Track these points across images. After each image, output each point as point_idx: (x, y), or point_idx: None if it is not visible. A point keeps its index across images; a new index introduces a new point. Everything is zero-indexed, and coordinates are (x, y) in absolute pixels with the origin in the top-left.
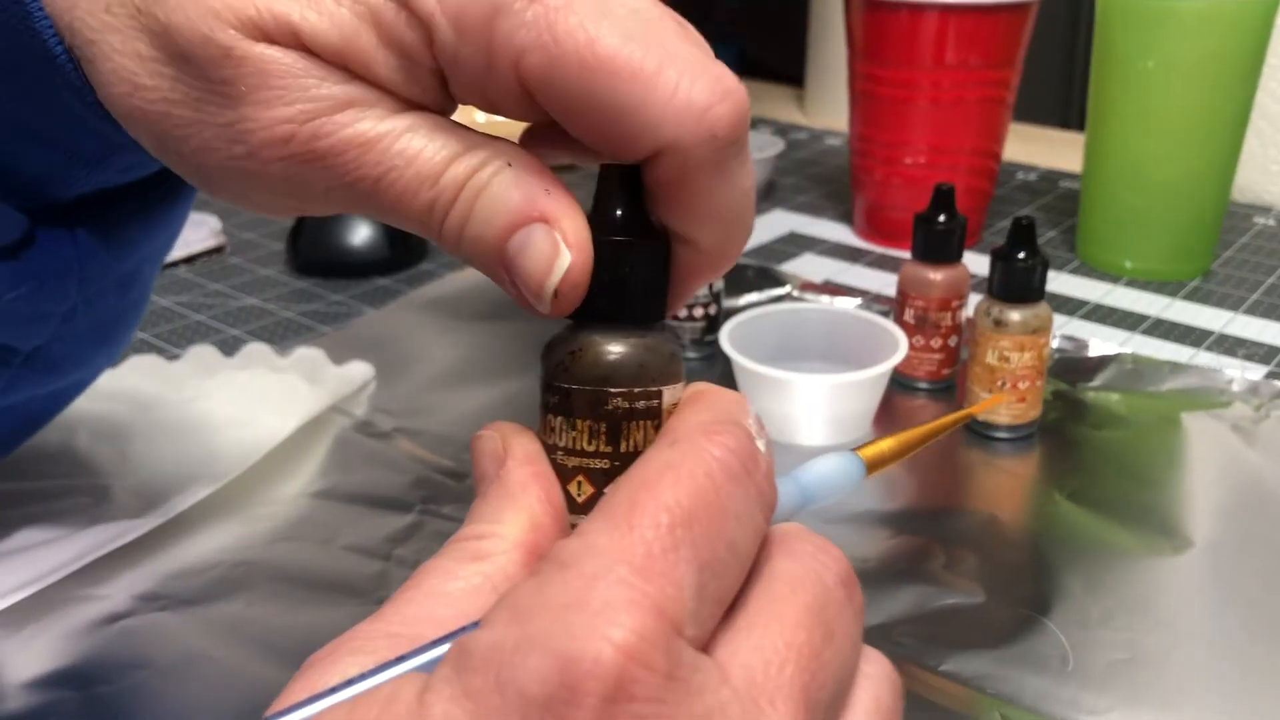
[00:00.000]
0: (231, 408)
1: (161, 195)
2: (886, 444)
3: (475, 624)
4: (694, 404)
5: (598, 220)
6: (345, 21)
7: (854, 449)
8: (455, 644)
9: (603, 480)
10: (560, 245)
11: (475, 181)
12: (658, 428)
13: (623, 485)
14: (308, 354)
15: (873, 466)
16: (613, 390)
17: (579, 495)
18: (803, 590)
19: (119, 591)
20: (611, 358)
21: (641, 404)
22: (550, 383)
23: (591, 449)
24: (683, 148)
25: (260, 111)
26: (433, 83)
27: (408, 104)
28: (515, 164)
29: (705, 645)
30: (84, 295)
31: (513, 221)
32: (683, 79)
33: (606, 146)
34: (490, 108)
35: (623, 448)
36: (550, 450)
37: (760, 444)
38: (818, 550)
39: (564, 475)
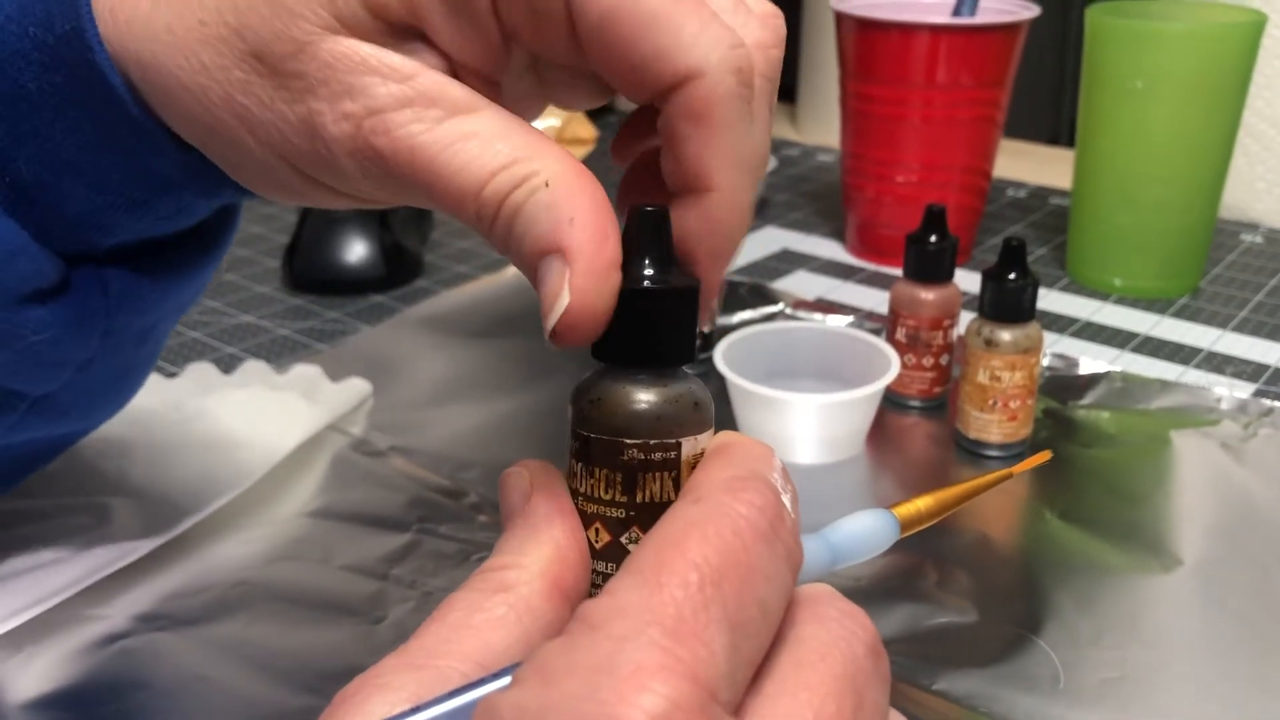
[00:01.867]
0: (231, 426)
1: (193, 252)
2: (923, 502)
3: (505, 672)
4: (719, 458)
5: (626, 266)
6: None
7: (889, 506)
8: (483, 703)
9: (619, 529)
10: (565, 285)
11: (513, 200)
12: (675, 479)
13: (649, 543)
14: (305, 371)
15: (908, 526)
16: (628, 441)
17: (597, 542)
18: (832, 659)
19: (118, 612)
20: (629, 409)
21: (658, 455)
22: (573, 429)
23: (608, 497)
24: (709, 73)
25: (327, 105)
26: (490, 26)
27: (466, 75)
28: (554, 182)
29: (735, 711)
30: (105, 346)
31: (539, 249)
32: (723, 10)
33: (637, 70)
34: (543, 49)
35: (639, 498)
36: (573, 493)
37: (785, 499)
38: (844, 616)
39: (584, 520)
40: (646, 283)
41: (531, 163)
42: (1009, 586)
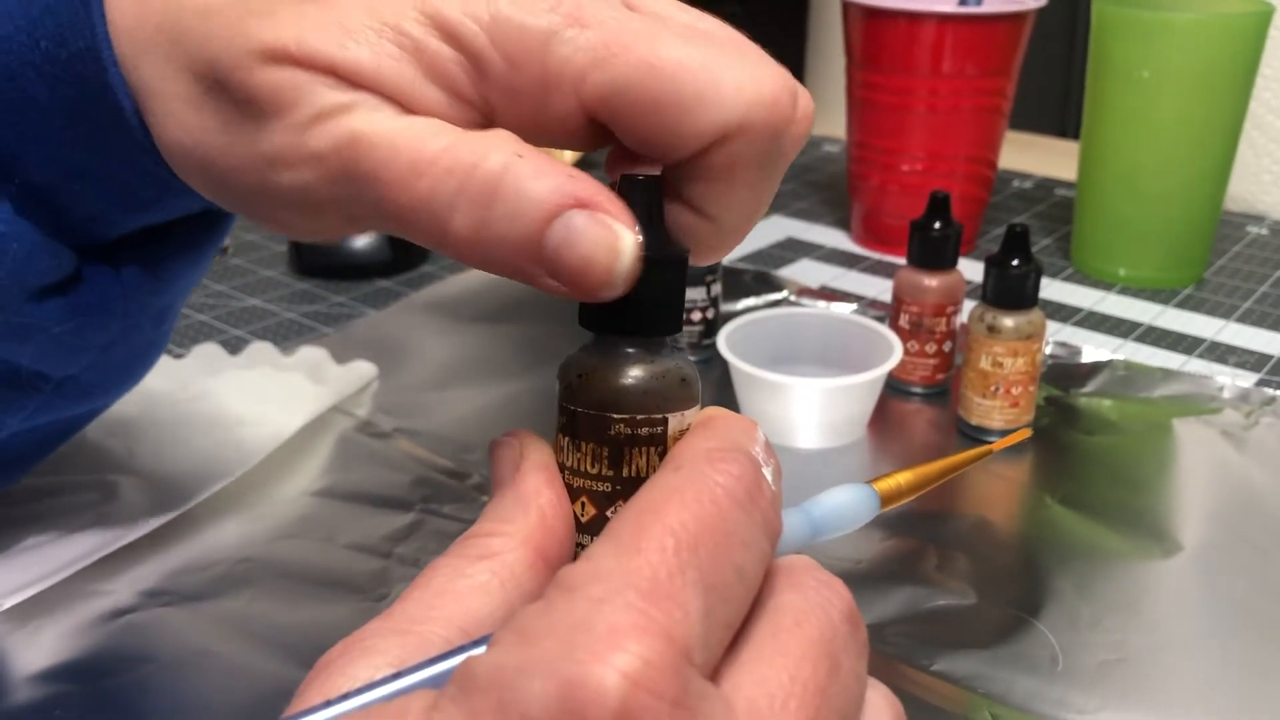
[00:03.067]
0: (237, 406)
1: (201, 232)
2: (903, 477)
3: (485, 639)
4: (701, 430)
5: None
6: (385, 53)
7: (870, 481)
8: (462, 664)
9: (604, 503)
10: (615, 226)
11: (486, 170)
12: (661, 454)
13: (628, 510)
14: (312, 353)
15: (888, 500)
16: (615, 416)
17: (582, 515)
18: (808, 624)
19: (124, 587)
20: (616, 384)
21: (644, 430)
22: (561, 403)
23: (594, 471)
24: (747, 130)
25: (279, 127)
26: (475, 116)
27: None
28: (525, 152)
29: (711, 674)
30: (124, 328)
31: (547, 212)
32: (749, 68)
33: (668, 138)
34: (540, 136)
35: (624, 472)
36: (560, 467)
37: (767, 471)
38: (821, 585)
39: (571, 493)
40: (644, 252)
41: (493, 138)
42: (1009, 570)
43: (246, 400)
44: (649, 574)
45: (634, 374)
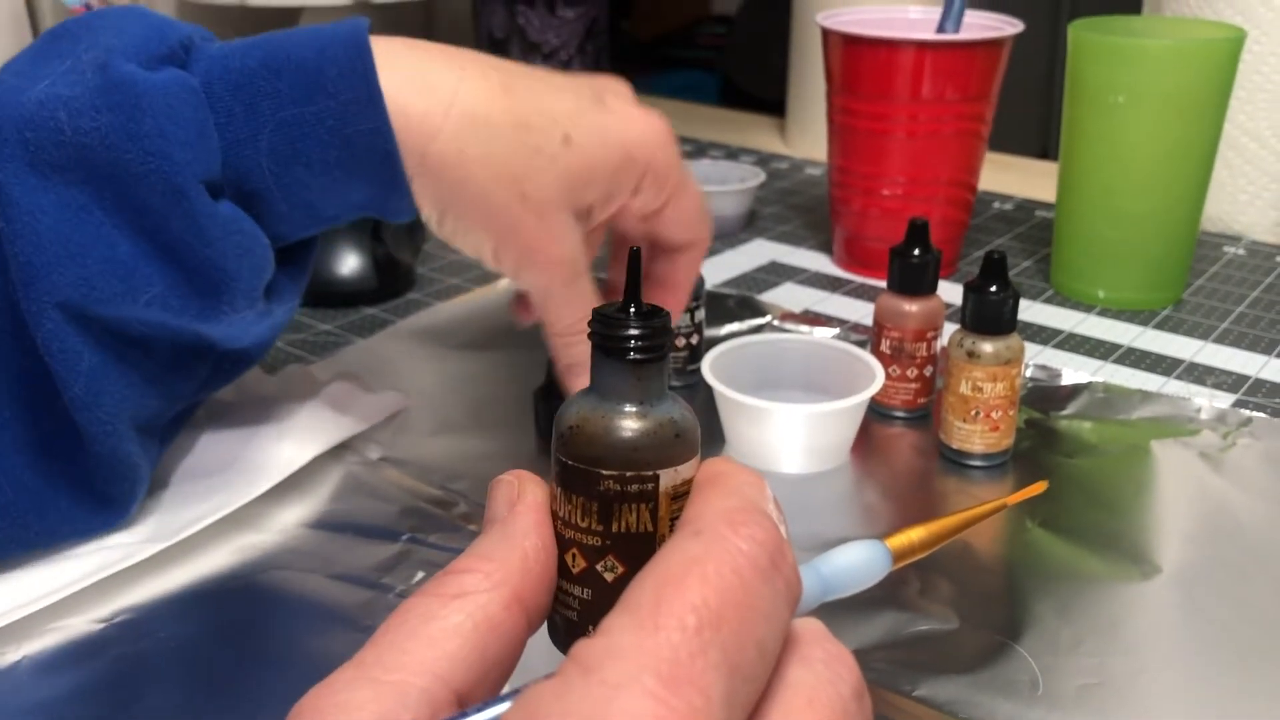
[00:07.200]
0: (252, 431)
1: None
2: (916, 534)
3: (494, 702)
4: (714, 488)
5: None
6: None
7: (882, 537)
8: None
9: (595, 557)
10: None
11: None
12: (652, 510)
13: (647, 580)
14: (342, 385)
15: (900, 558)
16: (604, 472)
17: (573, 566)
18: (818, 703)
19: (109, 619)
20: (606, 438)
21: (634, 487)
22: (554, 453)
23: (585, 525)
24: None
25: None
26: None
27: None
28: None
29: None
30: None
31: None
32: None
33: (675, 246)
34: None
35: (614, 528)
36: (554, 516)
37: (783, 530)
38: (832, 659)
39: (563, 544)
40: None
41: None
42: (990, 594)
43: (263, 427)
44: (669, 654)
45: (626, 428)
